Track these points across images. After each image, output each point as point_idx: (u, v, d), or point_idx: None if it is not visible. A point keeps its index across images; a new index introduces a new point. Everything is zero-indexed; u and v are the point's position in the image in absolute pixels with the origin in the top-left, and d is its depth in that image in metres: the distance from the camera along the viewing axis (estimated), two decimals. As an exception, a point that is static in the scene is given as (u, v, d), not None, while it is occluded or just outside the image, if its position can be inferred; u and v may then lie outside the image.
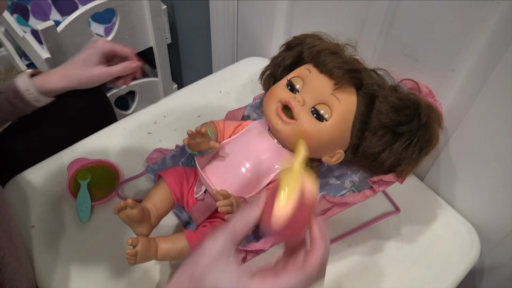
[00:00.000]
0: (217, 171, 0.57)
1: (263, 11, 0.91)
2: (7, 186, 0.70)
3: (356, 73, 0.54)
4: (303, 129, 0.53)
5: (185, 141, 0.52)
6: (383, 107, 0.55)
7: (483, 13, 0.53)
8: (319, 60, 0.54)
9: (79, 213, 0.65)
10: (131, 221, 0.53)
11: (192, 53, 1.39)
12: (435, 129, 0.56)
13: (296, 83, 0.57)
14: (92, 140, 0.77)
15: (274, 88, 0.58)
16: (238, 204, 0.51)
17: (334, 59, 0.54)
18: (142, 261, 0.51)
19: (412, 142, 0.55)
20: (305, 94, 0.55)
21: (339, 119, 0.54)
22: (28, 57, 1.38)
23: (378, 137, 0.55)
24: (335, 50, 0.56)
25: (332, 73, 0.53)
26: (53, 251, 0.63)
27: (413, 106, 0.54)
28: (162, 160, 0.66)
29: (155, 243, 0.54)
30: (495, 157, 0.63)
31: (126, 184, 0.70)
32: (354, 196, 0.58)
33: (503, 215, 0.66)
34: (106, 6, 1.10)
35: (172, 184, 0.58)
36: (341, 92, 0.54)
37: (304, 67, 0.57)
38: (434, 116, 0.56)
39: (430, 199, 0.74)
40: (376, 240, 0.67)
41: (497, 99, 0.58)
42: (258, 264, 0.40)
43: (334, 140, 0.55)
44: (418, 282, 0.63)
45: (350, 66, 0.54)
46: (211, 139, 0.54)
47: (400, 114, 0.54)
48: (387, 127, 0.55)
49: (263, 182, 0.55)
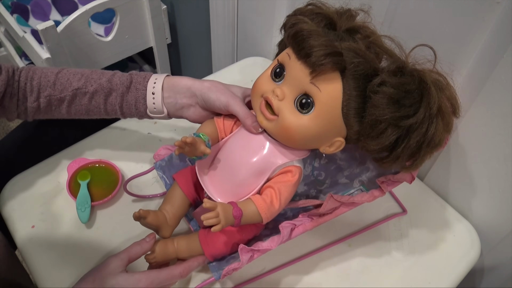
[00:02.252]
0: (215, 174, 0.57)
1: (263, 11, 0.91)
2: (7, 186, 0.70)
3: (334, 57, 0.45)
4: (285, 126, 0.49)
5: (176, 152, 0.51)
6: (380, 100, 0.46)
7: (483, 13, 0.53)
8: (295, 44, 0.47)
9: (79, 213, 0.65)
10: (150, 227, 0.57)
11: (192, 53, 1.39)
12: (446, 117, 0.48)
13: (284, 68, 0.51)
14: (92, 140, 0.77)
15: (257, 81, 0.53)
16: (227, 213, 0.49)
17: (310, 42, 0.45)
18: (163, 262, 0.58)
19: (425, 138, 0.47)
20: (285, 86, 0.50)
21: (323, 109, 0.48)
22: (28, 57, 1.38)
23: (379, 132, 0.47)
24: (312, 30, 0.46)
25: (306, 60, 0.46)
26: (53, 251, 0.63)
27: (417, 90, 0.46)
28: (169, 157, 0.66)
29: (172, 245, 0.57)
30: (495, 157, 0.63)
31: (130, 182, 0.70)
32: (362, 195, 0.57)
33: (503, 215, 0.66)
34: (106, 6, 1.10)
35: (185, 186, 0.59)
36: (321, 79, 0.46)
37: (285, 51, 0.51)
38: (448, 100, 0.48)
39: (430, 199, 0.74)
40: (376, 240, 0.67)
41: (497, 99, 0.58)
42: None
43: (323, 131, 0.50)
44: (418, 282, 0.63)
45: (326, 50, 0.45)
46: (203, 143, 0.52)
47: (401, 105, 0.46)
48: (387, 121, 0.47)
49: (260, 181, 0.54)
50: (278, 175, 0.54)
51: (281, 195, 0.53)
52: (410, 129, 0.47)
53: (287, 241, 0.56)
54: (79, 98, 0.62)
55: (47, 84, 0.62)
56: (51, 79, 0.62)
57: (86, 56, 1.17)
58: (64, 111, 0.63)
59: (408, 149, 0.48)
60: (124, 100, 0.62)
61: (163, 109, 0.62)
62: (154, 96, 0.61)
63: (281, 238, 0.54)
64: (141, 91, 0.61)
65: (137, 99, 0.62)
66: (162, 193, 0.69)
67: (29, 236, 0.64)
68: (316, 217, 0.57)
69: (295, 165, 0.54)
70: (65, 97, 0.62)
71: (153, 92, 0.61)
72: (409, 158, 0.50)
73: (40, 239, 0.64)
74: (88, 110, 0.64)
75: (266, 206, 0.52)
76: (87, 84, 0.62)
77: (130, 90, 0.62)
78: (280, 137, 0.52)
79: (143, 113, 0.63)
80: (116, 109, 0.63)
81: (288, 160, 0.54)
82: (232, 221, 0.50)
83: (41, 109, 0.63)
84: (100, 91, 0.62)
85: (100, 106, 0.63)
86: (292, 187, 0.54)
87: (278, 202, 0.52)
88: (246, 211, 0.51)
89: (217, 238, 0.56)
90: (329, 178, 0.64)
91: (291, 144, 0.53)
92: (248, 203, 0.52)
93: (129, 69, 1.58)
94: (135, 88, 0.62)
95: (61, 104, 0.63)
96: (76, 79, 0.62)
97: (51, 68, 0.63)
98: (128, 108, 0.63)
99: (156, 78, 0.62)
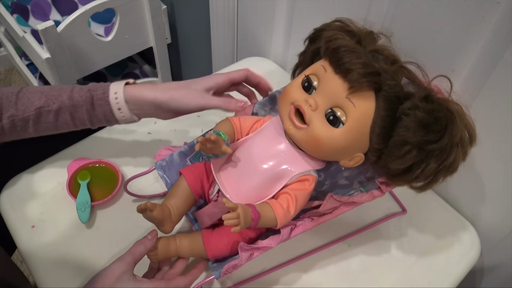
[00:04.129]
0: (231, 173, 0.57)
1: (263, 11, 0.91)
2: (7, 186, 0.70)
3: (374, 76, 0.48)
4: (314, 136, 0.51)
5: (197, 147, 0.52)
6: (411, 123, 0.48)
7: (483, 13, 0.53)
8: (335, 59, 0.49)
9: (79, 213, 0.65)
10: (153, 221, 0.55)
11: (192, 53, 1.39)
12: (465, 146, 0.50)
13: (313, 81, 0.52)
14: (92, 140, 0.77)
15: (288, 88, 0.54)
16: (246, 215, 0.49)
17: (351, 59, 0.48)
18: (164, 260, 0.57)
19: (444, 165, 0.50)
20: (319, 97, 0.51)
21: (353, 125, 0.50)
22: (28, 57, 1.38)
23: (403, 153, 0.50)
24: (353, 48, 0.49)
25: (347, 75, 0.48)
26: (53, 251, 0.63)
27: (444, 118, 0.48)
28: (170, 157, 0.66)
29: (174, 242, 0.57)
30: (495, 157, 0.63)
31: (130, 181, 0.70)
32: (362, 195, 0.57)
33: (503, 215, 0.66)
34: (106, 6, 1.10)
35: (192, 181, 0.58)
36: (357, 96, 0.49)
37: (320, 63, 0.52)
38: (467, 129, 0.50)
39: (430, 199, 0.74)
40: (376, 240, 0.67)
41: (497, 99, 0.58)
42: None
43: (348, 146, 0.52)
44: (418, 282, 0.63)
45: (367, 69, 0.47)
46: (224, 142, 0.53)
47: (429, 130, 0.48)
48: (413, 144, 0.49)
49: (277, 186, 0.54)
50: (295, 183, 0.55)
51: (297, 202, 0.53)
52: (432, 154, 0.50)
53: (286, 240, 0.56)
54: (44, 117, 0.61)
55: (9, 104, 0.60)
56: (12, 99, 0.60)
57: (86, 56, 1.17)
58: (31, 130, 0.62)
59: (426, 172, 0.51)
60: (93, 115, 0.62)
61: (134, 118, 0.63)
62: (121, 111, 0.61)
63: (281, 237, 0.55)
64: (106, 106, 0.61)
65: (105, 114, 0.62)
66: (162, 193, 0.69)
67: (29, 236, 0.64)
68: (316, 217, 0.57)
69: (312, 174, 0.55)
70: (29, 116, 0.60)
71: (119, 108, 0.61)
72: (423, 180, 0.52)
73: (40, 239, 0.64)
74: (57, 127, 0.63)
75: (283, 212, 0.52)
76: (49, 102, 0.60)
77: (94, 106, 0.61)
78: (306, 146, 0.53)
79: (116, 123, 0.64)
80: (86, 123, 0.63)
81: (306, 169, 0.55)
82: (250, 223, 0.50)
83: (6, 131, 0.61)
84: (64, 109, 0.61)
85: (68, 122, 0.62)
86: (308, 195, 0.55)
87: (294, 208, 0.53)
88: (264, 215, 0.51)
89: (220, 238, 0.56)
90: (329, 179, 0.64)
91: (316, 154, 0.54)
92: (266, 207, 0.52)
93: (129, 69, 1.58)
94: (99, 104, 0.61)
95: (26, 124, 0.61)
96: (36, 98, 0.61)
97: (11, 88, 0.62)
98: (98, 121, 0.63)
99: (116, 91, 0.61)
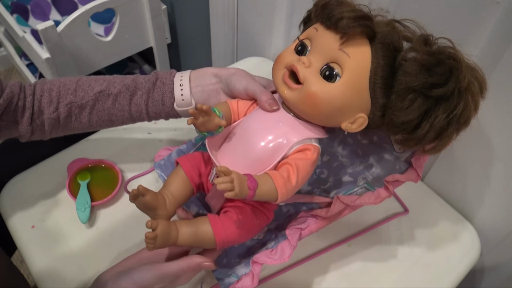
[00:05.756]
0: (228, 150, 0.54)
1: (263, 11, 0.91)
2: (7, 186, 0.70)
3: (365, 20, 0.46)
4: (310, 93, 0.48)
5: (189, 121, 0.49)
6: (411, 66, 0.46)
7: (483, 13, 0.53)
8: (325, 14, 0.48)
9: (79, 213, 0.65)
10: (146, 208, 0.51)
11: (192, 53, 1.39)
12: (475, 96, 0.47)
13: (307, 44, 0.51)
14: (92, 140, 0.77)
15: (281, 54, 0.52)
16: (241, 181, 0.46)
17: (339, 9, 0.47)
18: (161, 246, 0.49)
19: (454, 114, 0.47)
20: (312, 54, 0.49)
21: (351, 77, 0.47)
22: (28, 57, 1.38)
23: (408, 103, 0.47)
24: (342, 0, 0.48)
25: (337, 25, 0.46)
26: (53, 251, 0.63)
27: (448, 62, 0.45)
28: (168, 156, 0.66)
29: (175, 227, 0.51)
30: (495, 157, 0.63)
31: (130, 182, 0.70)
32: (369, 197, 0.56)
33: (503, 215, 0.66)
34: (106, 6, 1.10)
35: (189, 169, 0.56)
36: (351, 45, 0.47)
37: (312, 26, 0.51)
38: (476, 80, 0.47)
39: (430, 199, 0.74)
40: (376, 240, 0.67)
41: (497, 99, 0.58)
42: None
43: (349, 102, 0.49)
44: (418, 282, 0.63)
45: (357, 13, 0.46)
46: (217, 116, 0.51)
47: (432, 73, 0.45)
48: (417, 90, 0.46)
49: (276, 157, 0.51)
50: (295, 153, 0.51)
51: (299, 171, 0.49)
52: (439, 101, 0.46)
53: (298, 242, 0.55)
54: (102, 102, 0.61)
55: (67, 92, 0.60)
56: (72, 87, 0.60)
57: (86, 56, 1.17)
58: (86, 119, 0.61)
59: (436, 124, 0.47)
60: (150, 97, 0.61)
61: (191, 101, 0.61)
62: (182, 88, 0.61)
63: (292, 249, 0.54)
64: (168, 85, 0.61)
65: (164, 93, 0.61)
66: (162, 193, 0.69)
67: (29, 236, 0.64)
68: (320, 218, 0.57)
69: (313, 144, 0.52)
70: (87, 102, 0.60)
71: (180, 84, 0.61)
72: (435, 138, 0.49)
73: (40, 239, 0.64)
74: (110, 115, 0.62)
75: (283, 181, 0.48)
76: (110, 87, 0.61)
77: (156, 86, 0.61)
78: (303, 108, 0.50)
79: (170, 108, 0.62)
80: (142, 108, 0.62)
81: (306, 137, 0.52)
82: (246, 191, 0.45)
83: (61, 120, 0.61)
84: (125, 91, 0.61)
85: (124, 108, 0.61)
86: (311, 165, 0.51)
87: (295, 178, 0.49)
88: (262, 184, 0.47)
89: (231, 220, 0.52)
90: (332, 176, 0.63)
91: (314, 117, 0.51)
92: (264, 177, 0.49)
93: (129, 69, 1.58)
94: (162, 83, 0.61)
95: (83, 112, 0.61)
96: (98, 83, 0.61)
97: (69, 78, 0.62)
98: (154, 105, 0.62)
99: (182, 74, 0.62)
